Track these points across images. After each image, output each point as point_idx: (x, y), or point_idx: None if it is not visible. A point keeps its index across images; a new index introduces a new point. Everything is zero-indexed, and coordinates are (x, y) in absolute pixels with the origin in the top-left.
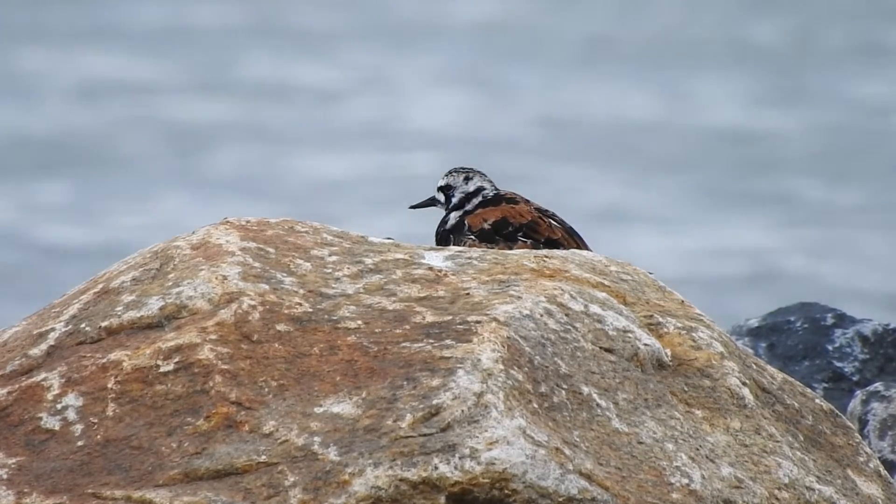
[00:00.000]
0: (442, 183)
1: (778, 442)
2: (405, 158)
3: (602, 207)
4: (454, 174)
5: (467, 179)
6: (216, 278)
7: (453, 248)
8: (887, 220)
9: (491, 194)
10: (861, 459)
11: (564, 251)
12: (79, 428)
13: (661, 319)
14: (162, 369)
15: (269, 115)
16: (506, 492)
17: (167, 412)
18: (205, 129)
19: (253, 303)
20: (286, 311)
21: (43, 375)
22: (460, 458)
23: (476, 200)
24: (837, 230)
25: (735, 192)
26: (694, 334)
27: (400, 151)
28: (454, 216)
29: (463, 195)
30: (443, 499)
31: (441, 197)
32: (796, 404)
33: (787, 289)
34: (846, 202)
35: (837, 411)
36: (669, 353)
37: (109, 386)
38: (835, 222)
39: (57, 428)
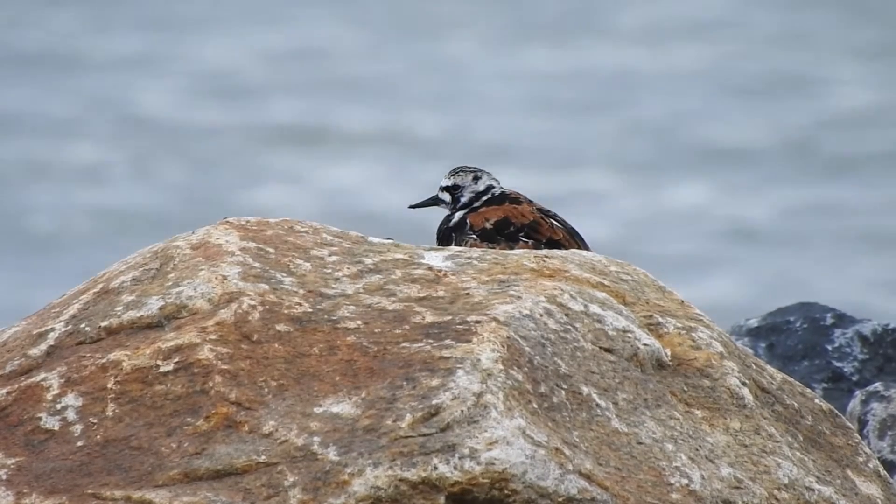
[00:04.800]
0: (449, 183)
1: (777, 442)
2: None
3: None
4: (462, 174)
5: (476, 178)
6: (216, 278)
7: (453, 248)
8: None
9: (498, 193)
10: (860, 459)
11: (564, 251)
12: (78, 428)
13: (660, 319)
14: (162, 369)
15: None
16: (505, 492)
17: (167, 412)
18: None
19: (253, 303)
20: (286, 311)
21: (42, 375)
22: (460, 459)
23: (485, 198)
24: None
25: None
26: (693, 334)
27: None
28: (459, 215)
29: (473, 194)
30: (442, 499)
31: (447, 197)
32: (796, 404)
33: None
34: None
35: (837, 411)
36: (669, 353)
37: (109, 386)
38: None
39: (56, 428)
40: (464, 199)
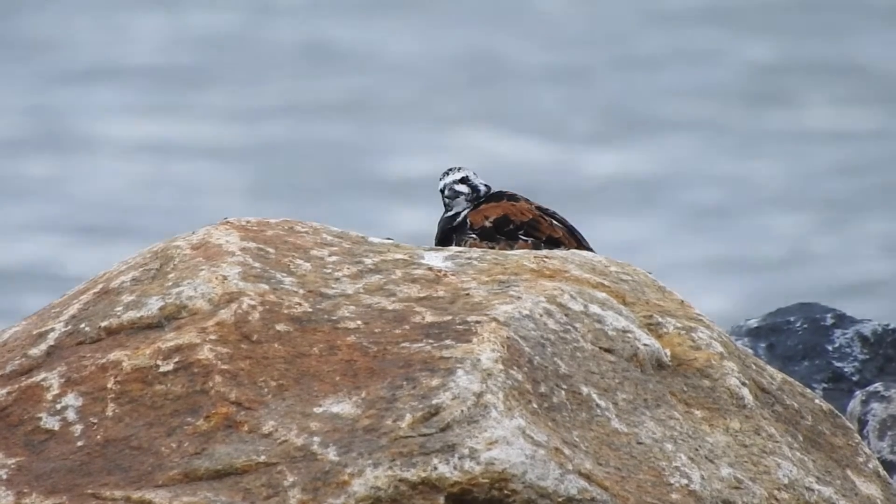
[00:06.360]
0: (458, 176)
1: (777, 442)
2: None
3: None
4: (462, 168)
5: (475, 173)
6: (216, 278)
7: (453, 249)
8: None
9: (495, 190)
10: (860, 460)
11: (564, 251)
12: (78, 428)
13: (660, 319)
14: (161, 369)
15: None
16: (505, 492)
17: (167, 412)
18: None
19: (253, 303)
20: (286, 311)
21: (43, 375)
22: (460, 459)
23: (488, 194)
24: None
25: None
26: (693, 334)
27: None
28: (463, 214)
29: (484, 185)
30: (442, 499)
31: (464, 188)
32: (796, 405)
33: None
34: None
35: (837, 412)
36: (669, 354)
37: (109, 386)
38: None
39: (56, 428)
40: (482, 189)
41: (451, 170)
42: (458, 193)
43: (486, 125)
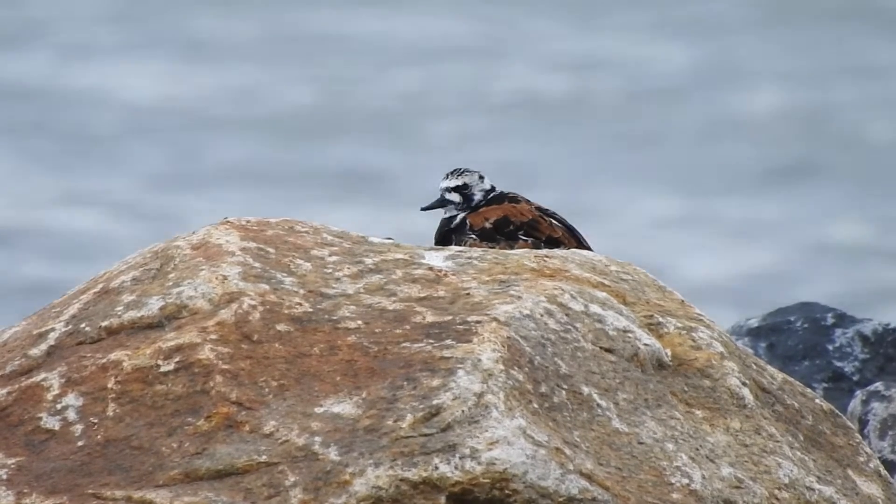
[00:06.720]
0: (458, 182)
1: (778, 442)
2: None
3: None
4: (468, 173)
5: (481, 178)
6: (216, 278)
7: (453, 248)
8: None
9: (497, 192)
10: (861, 459)
11: (565, 251)
12: (79, 428)
13: (661, 319)
14: (162, 369)
15: None
16: (506, 492)
17: (167, 412)
18: None
19: (253, 303)
20: (286, 311)
21: (43, 375)
22: (461, 459)
23: (489, 197)
24: None
25: None
26: (694, 334)
27: None
28: (461, 216)
29: (482, 193)
30: (443, 499)
31: (455, 197)
32: (796, 404)
33: None
34: None
35: (837, 411)
36: (669, 353)
37: (109, 386)
38: None
39: (57, 428)
40: (477, 198)
41: (452, 173)
42: (447, 202)
43: None
